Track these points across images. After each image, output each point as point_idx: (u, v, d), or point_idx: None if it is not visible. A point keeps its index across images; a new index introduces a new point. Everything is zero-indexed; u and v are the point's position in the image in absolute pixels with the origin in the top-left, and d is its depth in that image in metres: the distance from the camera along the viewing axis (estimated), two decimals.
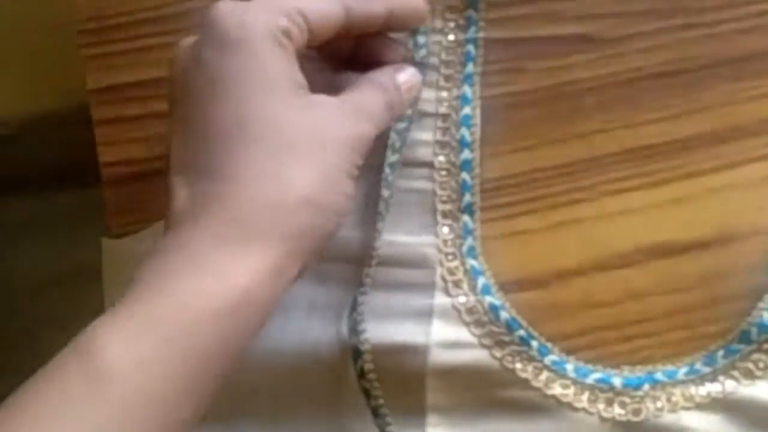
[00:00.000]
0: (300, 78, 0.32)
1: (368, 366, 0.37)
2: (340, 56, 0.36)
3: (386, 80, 0.35)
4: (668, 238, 0.38)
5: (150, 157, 0.39)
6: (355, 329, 0.37)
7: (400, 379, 0.37)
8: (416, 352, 0.37)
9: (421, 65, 0.38)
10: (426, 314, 0.37)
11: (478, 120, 0.38)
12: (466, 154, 0.38)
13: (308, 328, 0.37)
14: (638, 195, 0.38)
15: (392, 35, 0.37)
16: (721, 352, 0.37)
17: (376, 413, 0.37)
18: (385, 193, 0.37)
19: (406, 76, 0.35)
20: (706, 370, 0.37)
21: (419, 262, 0.38)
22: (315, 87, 0.33)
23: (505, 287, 0.38)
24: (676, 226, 0.38)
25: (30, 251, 0.69)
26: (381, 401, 0.37)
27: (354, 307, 0.37)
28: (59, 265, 0.66)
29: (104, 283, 0.40)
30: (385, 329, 0.37)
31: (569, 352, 0.38)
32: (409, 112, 0.38)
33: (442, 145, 0.38)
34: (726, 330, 0.37)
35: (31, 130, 0.59)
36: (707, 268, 0.38)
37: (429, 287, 0.37)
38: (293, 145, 0.31)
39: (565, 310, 0.38)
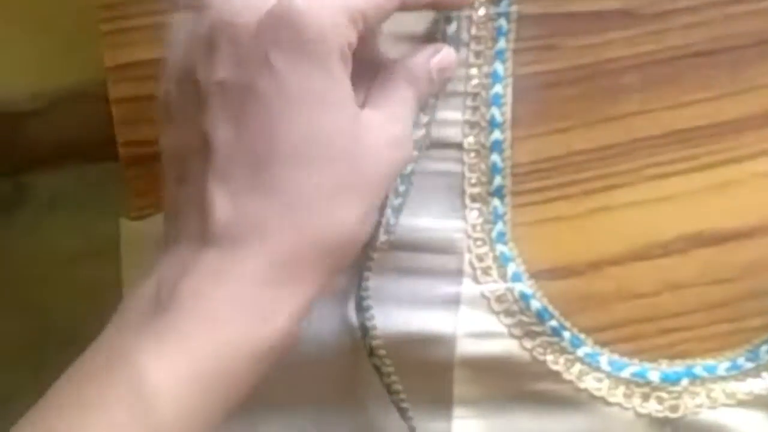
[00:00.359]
0: (353, 94, 0.31)
1: (377, 342, 0.35)
2: None
3: (419, 71, 0.33)
4: (711, 225, 0.36)
5: None
6: (360, 307, 0.35)
7: (424, 369, 0.36)
8: (443, 341, 0.35)
9: (454, 41, 0.36)
10: (453, 302, 0.36)
11: (509, 99, 0.36)
12: (496, 134, 0.36)
13: (325, 314, 0.36)
14: (680, 180, 0.36)
15: None
16: (765, 347, 0.35)
17: (389, 390, 0.36)
18: (407, 169, 0.36)
19: (440, 57, 0.34)
20: (749, 365, 0.35)
21: (446, 248, 0.36)
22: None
23: (537, 276, 0.36)
24: (719, 214, 0.36)
25: (58, 225, 0.69)
26: (393, 378, 0.36)
27: (359, 286, 0.36)
28: (88, 238, 0.66)
29: (122, 264, 0.38)
30: (408, 317, 0.35)
31: (604, 344, 0.36)
32: None
33: (472, 125, 0.36)
34: None
35: (58, 105, 0.59)
36: (752, 258, 0.36)
37: (456, 274, 0.36)
38: (352, 176, 0.30)
39: (600, 300, 0.36)
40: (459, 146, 0.36)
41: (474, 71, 0.36)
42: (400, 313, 0.35)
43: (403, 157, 0.32)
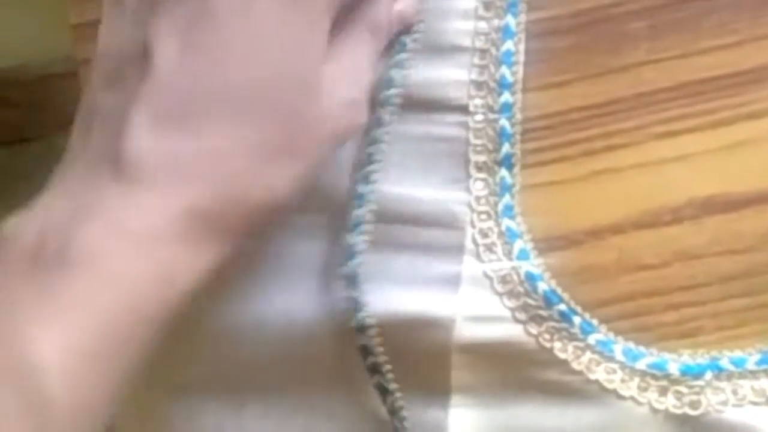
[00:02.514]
0: (326, 43, 0.27)
1: (370, 320, 0.30)
2: None
3: (381, 20, 0.29)
4: (728, 189, 0.31)
5: None
6: (354, 281, 0.30)
7: (419, 354, 0.30)
8: (440, 324, 0.30)
9: None
10: (452, 282, 0.30)
11: (521, 57, 0.30)
12: (506, 96, 0.30)
13: (310, 290, 0.30)
14: (693, 138, 0.31)
15: None
16: None
17: (375, 370, 0.30)
18: (379, 133, 0.30)
19: (403, 4, 0.29)
20: None
21: (447, 222, 0.30)
22: None
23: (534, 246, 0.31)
24: (737, 176, 0.31)
25: None
26: (382, 357, 0.30)
27: (350, 258, 0.30)
28: None
29: None
30: (402, 297, 0.30)
31: (602, 320, 0.31)
32: (409, 42, 0.30)
33: (479, 85, 0.30)
34: None
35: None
36: None
37: (457, 251, 0.30)
38: (293, 139, 0.26)
39: (601, 273, 0.31)
40: (464, 109, 0.30)
41: (483, 25, 0.30)
42: (393, 293, 0.30)
43: (352, 122, 0.28)
